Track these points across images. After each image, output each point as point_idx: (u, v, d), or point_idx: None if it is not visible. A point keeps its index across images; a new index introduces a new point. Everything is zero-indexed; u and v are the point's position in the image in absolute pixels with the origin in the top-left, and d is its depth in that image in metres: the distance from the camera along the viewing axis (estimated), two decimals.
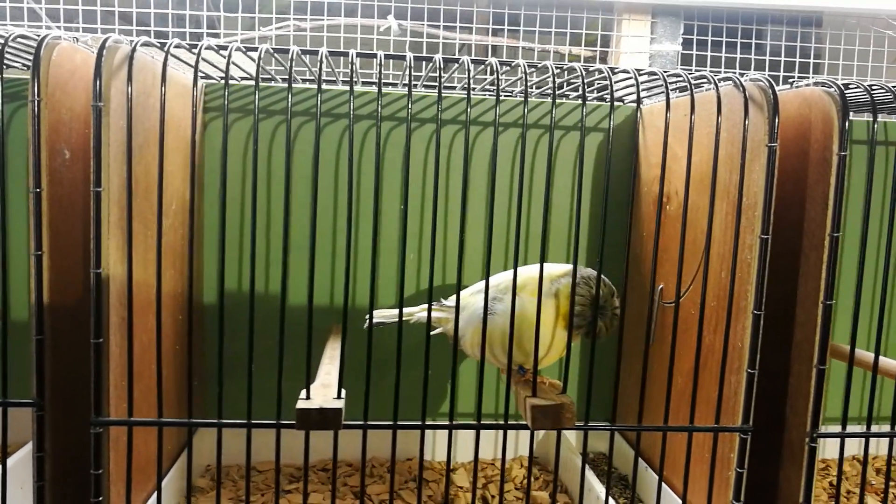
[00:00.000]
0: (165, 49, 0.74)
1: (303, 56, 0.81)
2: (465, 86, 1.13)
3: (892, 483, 0.87)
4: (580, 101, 1.14)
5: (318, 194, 0.72)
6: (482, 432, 0.86)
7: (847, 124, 0.77)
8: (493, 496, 1.06)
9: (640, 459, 1.09)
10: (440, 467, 1.14)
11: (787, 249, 0.87)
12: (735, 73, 0.83)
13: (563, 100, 1.17)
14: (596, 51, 1.39)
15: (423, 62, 0.92)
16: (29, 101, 0.73)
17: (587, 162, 1.17)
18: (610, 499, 0.86)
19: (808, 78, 0.90)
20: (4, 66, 0.74)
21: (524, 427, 0.79)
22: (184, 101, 0.96)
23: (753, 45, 1.44)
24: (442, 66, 0.82)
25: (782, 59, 1.48)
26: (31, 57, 0.89)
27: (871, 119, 0.81)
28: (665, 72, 0.86)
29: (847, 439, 0.85)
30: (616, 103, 1.17)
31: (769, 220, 0.79)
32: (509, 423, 0.80)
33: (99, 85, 0.70)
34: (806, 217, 0.83)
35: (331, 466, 1.13)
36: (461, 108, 1.13)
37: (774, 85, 0.79)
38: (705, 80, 0.87)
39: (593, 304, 0.81)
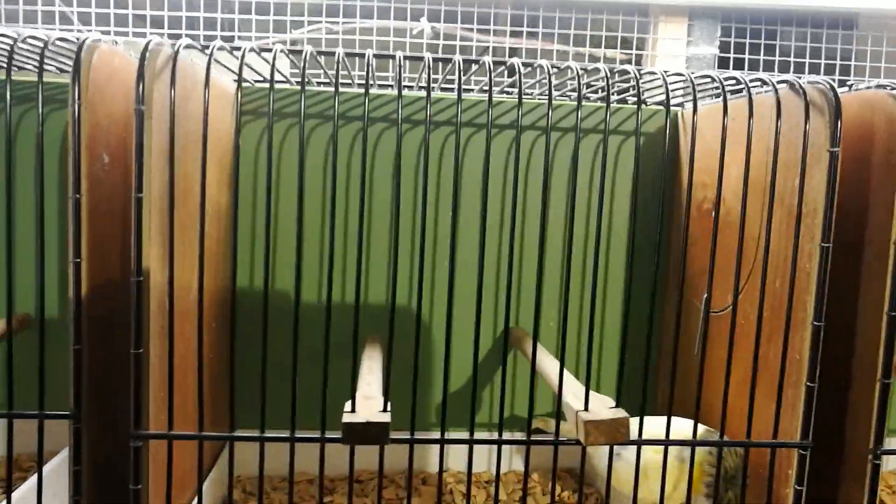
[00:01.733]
0: (209, 52, 0.72)
1: (345, 59, 0.79)
2: (487, 88, 1.11)
3: None
4: (613, 104, 1.12)
5: (363, 202, 0.70)
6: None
7: None
8: None
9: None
10: (455, 480, 1.11)
11: (846, 258, 0.83)
12: (777, 76, 0.80)
13: (587, 101, 1.14)
14: (631, 54, 1.36)
15: (441, 63, 0.89)
16: (70, 105, 0.71)
17: (622, 168, 1.14)
18: None
19: (860, 81, 0.87)
20: (39, 70, 0.73)
21: (574, 443, 0.76)
22: (220, 104, 0.94)
23: (793, 47, 1.40)
24: (462, 67, 0.80)
25: (822, 61, 1.45)
26: (65, 60, 0.88)
27: None
28: (693, 73, 0.84)
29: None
30: (655, 107, 1.14)
31: (830, 228, 0.76)
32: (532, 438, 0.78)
33: (142, 88, 0.68)
34: (868, 224, 0.80)
35: (361, 479, 1.10)
36: (480, 110, 1.11)
37: (836, 87, 0.76)
38: (754, 83, 0.84)
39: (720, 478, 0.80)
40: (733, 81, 0.84)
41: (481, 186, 1.11)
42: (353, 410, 0.73)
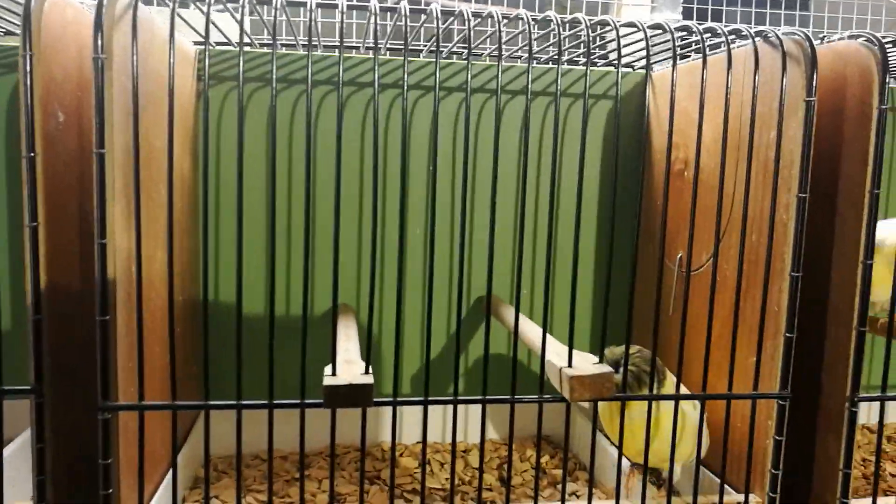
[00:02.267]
0: (172, 5, 0.68)
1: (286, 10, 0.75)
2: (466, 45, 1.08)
3: None
4: (585, 64, 1.11)
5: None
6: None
7: (886, 76, 0.75)
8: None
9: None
10: (432, 451, 1.10)
11: (821, 209, 0.84)
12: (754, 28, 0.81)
13: (566, 65, 1.13)
14: (594, 19, 1.35)
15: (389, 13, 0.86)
16: (20, 57, 0.66)
17: (597, 131, 1.13)
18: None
19: (833, 33, 0.88)
20: None
21: (560, 399, 0.75)
22: (179, 66, 0.90)
23: (754, 14, 1.42)
24: (439, 16, 0.78)
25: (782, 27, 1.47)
26: (14, 20, 0.83)
27: None
28: (673, 25, 0.83)
29: (889, 403, 0.83)
30: (624, 69, 1.14)
31: (807, 179, 0.76)
32: (516, 396, 0.77)
33: (101, 37, 0.64)
34: (842, 175, 0.81)
35: (336, 453, 1.08)
36: (453, 72, 1.09)
37: (812, 39, 0.77)
38: (733, 37, 0.83)
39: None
40: (709, 34, 0.84)
41: (456, 153, 1.09)
42: (333, 374, 0.71)
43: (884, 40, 0.77)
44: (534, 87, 1.11)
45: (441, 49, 1.11)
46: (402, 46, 0.72)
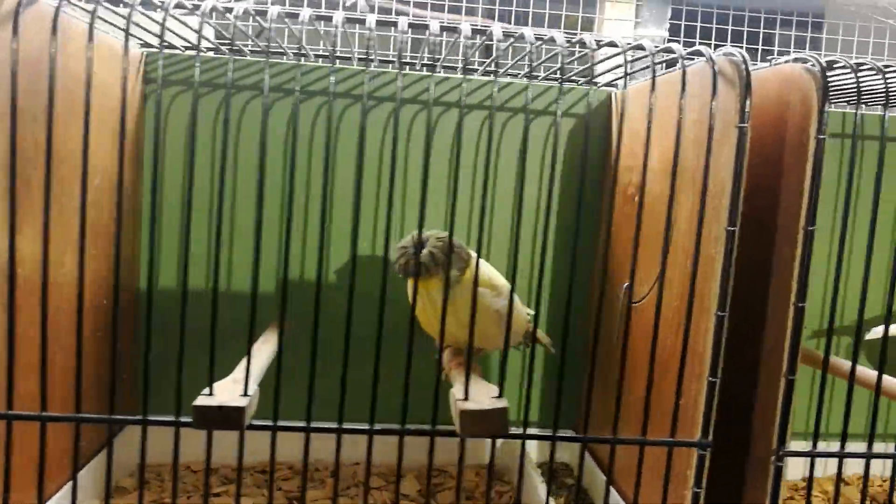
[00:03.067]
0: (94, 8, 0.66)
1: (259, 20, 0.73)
2: (431, 61, 1.05)
3: None
4: (555, 82, 1.06)
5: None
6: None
7: (826, 103, 0.69)
8: None
9: (593, 470, 1.01)
10: (389, 473, 1.06)
11: (761, 244, 0.78)
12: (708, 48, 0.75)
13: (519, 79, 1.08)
14: (575, 34, 1.30)
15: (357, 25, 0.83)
16: None
17: (560, 149, 1.08)
18: None
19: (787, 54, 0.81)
20: None
21: (449, 434, 0.70)
22: (111, 67, 0.88)
23: (745, 32, 1.35)
24: (408, 32, 0.75)
25: (775, 48, 1.40)
26: None
27: (856, 98, 0.72)
28: (629, 43, 0.78)
29: (818, 459, 0.76)
30: (589, 87, 1.09)
31: (737, 211, 0.70)
32: (437, 429, 0.72)
33: None
34: (780, 208, 0.75)
35: (269, 470, 1.05)
36: (423, 87, 1.05)
37: (748, 60, 0.71)
38: (684, 56, 0.78)
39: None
40: (665, 54, 0.79)
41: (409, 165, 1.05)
42: (210, 394, 0.68)
43: (836, 64, 0.71)
44: (489, 102, 1.06)
45: (406, 62, 1.08)
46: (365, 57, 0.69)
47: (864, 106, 0.94)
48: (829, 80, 0.72)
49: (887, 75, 0.70)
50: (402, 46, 0.76)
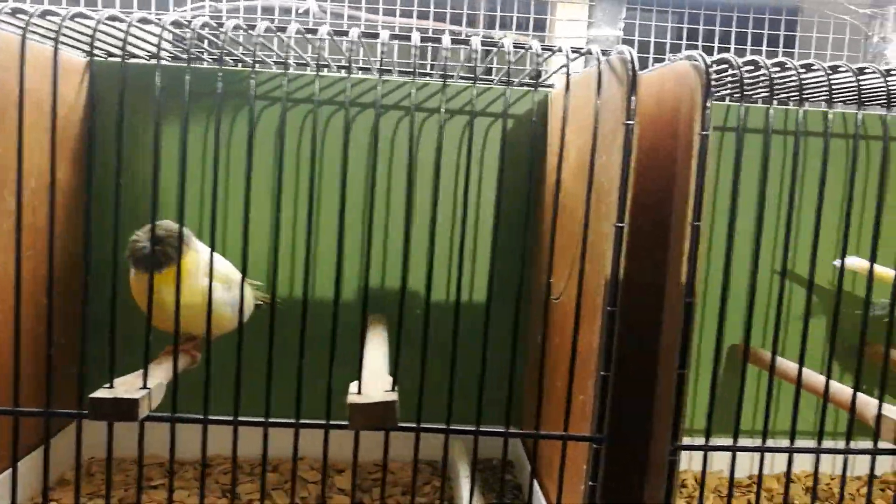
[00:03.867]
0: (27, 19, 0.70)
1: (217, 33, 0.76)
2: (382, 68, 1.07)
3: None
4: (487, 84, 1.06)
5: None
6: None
7: (709, 99, 0.69)
8: (374, 500, 1.00)
9: (526, 465, 1.01)
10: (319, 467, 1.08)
11: (659, 241, 0.79)
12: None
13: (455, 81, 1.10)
14: (529, 35, 1.32)
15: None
16: None
17: (495, 151, 1.09)
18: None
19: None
20: None
21: (342, 427, 0.72)
22: (48, 76, 0.92)
23: (701, 31, 1.34)
24: (360, 41, 0.77)
25: (732, 45, 1.39)
26: None
27: (740, 94, 0.72)
28: (553, 46, 0.79)
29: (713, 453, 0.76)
30: (519, 88, 1.10)
31: (625, 207, 0.71)
32: (331, 423, 0.74)
33: None
34: (673, 204, 0.75)
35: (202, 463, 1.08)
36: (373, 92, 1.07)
37: (636, 59, 0.71)
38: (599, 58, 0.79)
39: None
40: (577, 55, 0.80)
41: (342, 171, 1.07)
42: (110, 387, 0.71)
43: (723, 61, 0.71)
44: (424, 104, 1.08)
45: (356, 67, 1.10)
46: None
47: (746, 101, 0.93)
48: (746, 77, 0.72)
49: (772, 72, 0.71)
50: (351, 53, 0.79)
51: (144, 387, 0.71)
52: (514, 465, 1.13)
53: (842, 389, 0.79)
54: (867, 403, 0.76)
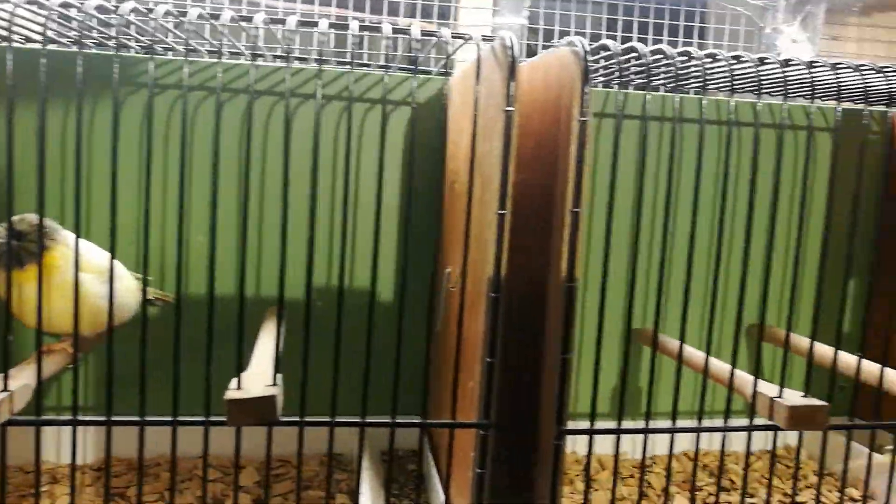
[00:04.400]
0: None
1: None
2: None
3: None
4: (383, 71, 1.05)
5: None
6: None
7: (587, 86, 0.70)
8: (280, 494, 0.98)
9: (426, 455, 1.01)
10: (229, 465, 1.05)
11: (544, 228, 0.79)
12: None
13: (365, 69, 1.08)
14: (433, 22, 1.31)
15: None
16: None
17: (398, 138, 1.08)
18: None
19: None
20: None
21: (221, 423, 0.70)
22: None
23: (605, 20, 1.36)
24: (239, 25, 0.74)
25: (664, 38, 1.41)
26: None
27: (618, 80, 0.73)
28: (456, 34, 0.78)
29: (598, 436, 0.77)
30: (423, 76, 1.09)
31: (506, 194, 0.71)
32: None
33: None
34: (556, 191, 0.76)
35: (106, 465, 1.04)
36: (278, 78, 1.04)
37: (515, 45, 0.71)
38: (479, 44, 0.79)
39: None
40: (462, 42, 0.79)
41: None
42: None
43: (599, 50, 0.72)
44: (328, 91, 1.06)
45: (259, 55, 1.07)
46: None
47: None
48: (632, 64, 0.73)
49: (649, 60, 0.72)
50: (255, 40, 0.76)
51: (5, 389, 0.67)
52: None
53: (722, 367, 0.82)
54: (745, 382, 0.78)
